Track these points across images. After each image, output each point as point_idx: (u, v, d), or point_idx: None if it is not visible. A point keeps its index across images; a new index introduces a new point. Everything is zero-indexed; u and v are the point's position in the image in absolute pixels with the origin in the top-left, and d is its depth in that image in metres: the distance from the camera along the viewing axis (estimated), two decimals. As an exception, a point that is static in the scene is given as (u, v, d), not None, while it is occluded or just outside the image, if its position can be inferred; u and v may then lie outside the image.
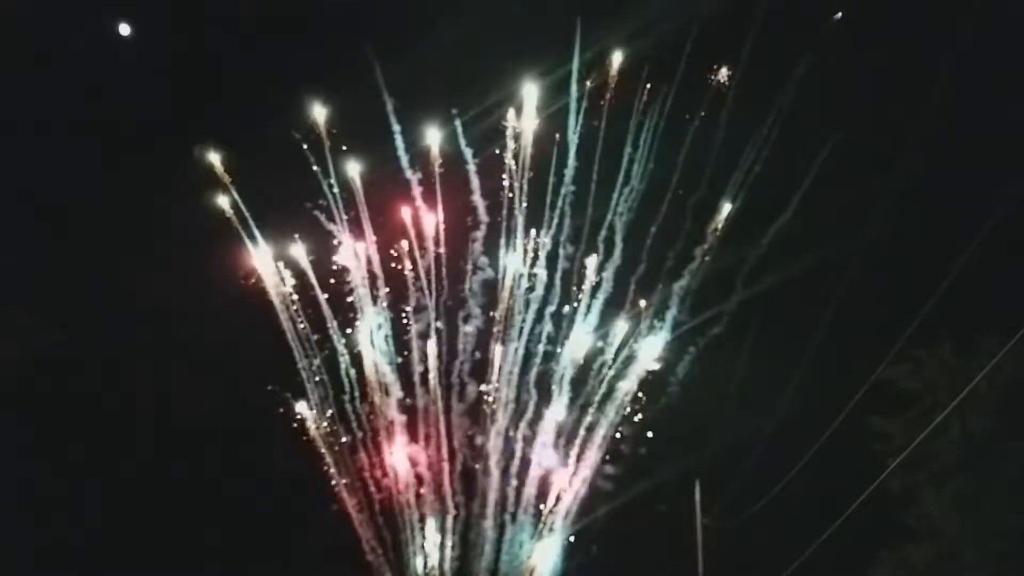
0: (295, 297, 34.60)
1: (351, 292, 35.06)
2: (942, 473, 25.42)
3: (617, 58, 34.16)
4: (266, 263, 34.49)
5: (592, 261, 35.15)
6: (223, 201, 34.11)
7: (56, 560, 32.87)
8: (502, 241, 35.46)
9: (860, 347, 27.98)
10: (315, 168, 34.63)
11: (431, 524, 34.44)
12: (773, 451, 28.69)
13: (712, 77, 33.84)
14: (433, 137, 34.80)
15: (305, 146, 34.06)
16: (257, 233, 34.49)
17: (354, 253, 35.12)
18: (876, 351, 27.02)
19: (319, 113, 34.27)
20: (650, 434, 33.97)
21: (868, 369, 26.24)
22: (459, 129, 34.61)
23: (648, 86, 34.18)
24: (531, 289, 35.47)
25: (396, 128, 34.83)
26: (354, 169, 34.92)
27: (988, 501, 24.69)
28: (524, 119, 34.83)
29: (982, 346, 24.02)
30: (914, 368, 26.03)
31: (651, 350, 34.59)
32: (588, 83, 34.32)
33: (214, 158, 33.89)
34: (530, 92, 34.42)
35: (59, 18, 32.09)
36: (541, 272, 35.43)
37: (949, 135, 27.71)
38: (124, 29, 33.20)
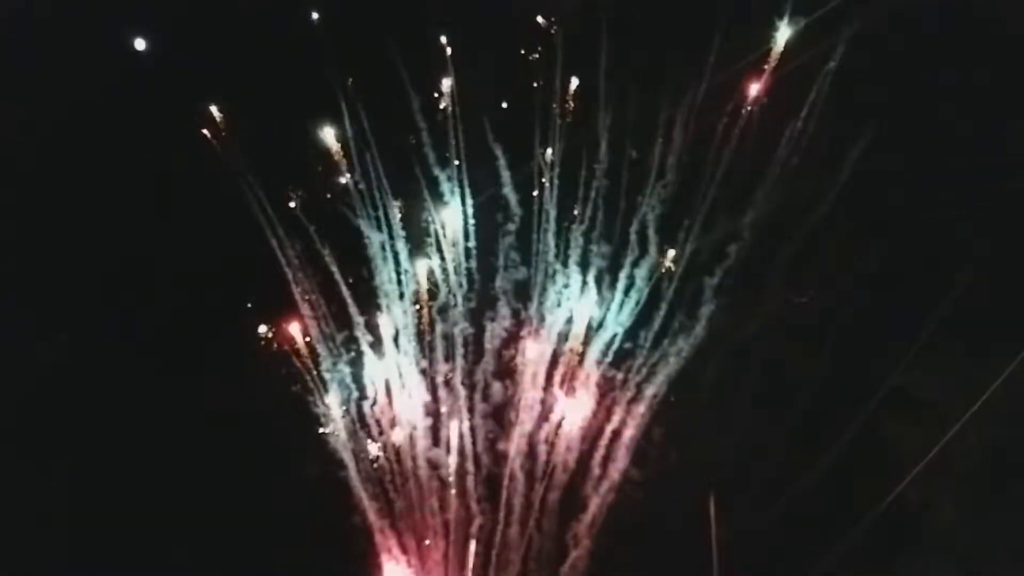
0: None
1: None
2: (960, 481, 25.65)
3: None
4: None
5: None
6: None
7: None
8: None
9: (876, 354, 28.45)
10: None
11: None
12: (788, 458, 29.25)
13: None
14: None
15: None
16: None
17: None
18: (892, 358, 27.61)
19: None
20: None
21: (884, 376, 26.83)
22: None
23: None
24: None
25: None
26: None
27: (1007, 510, 24.84)
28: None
29: (997, 353, 24.21)
30: (929, 375, 26.28)
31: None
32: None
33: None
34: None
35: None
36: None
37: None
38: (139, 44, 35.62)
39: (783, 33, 34.02)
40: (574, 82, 36.79)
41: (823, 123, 34.07)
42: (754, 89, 34.72)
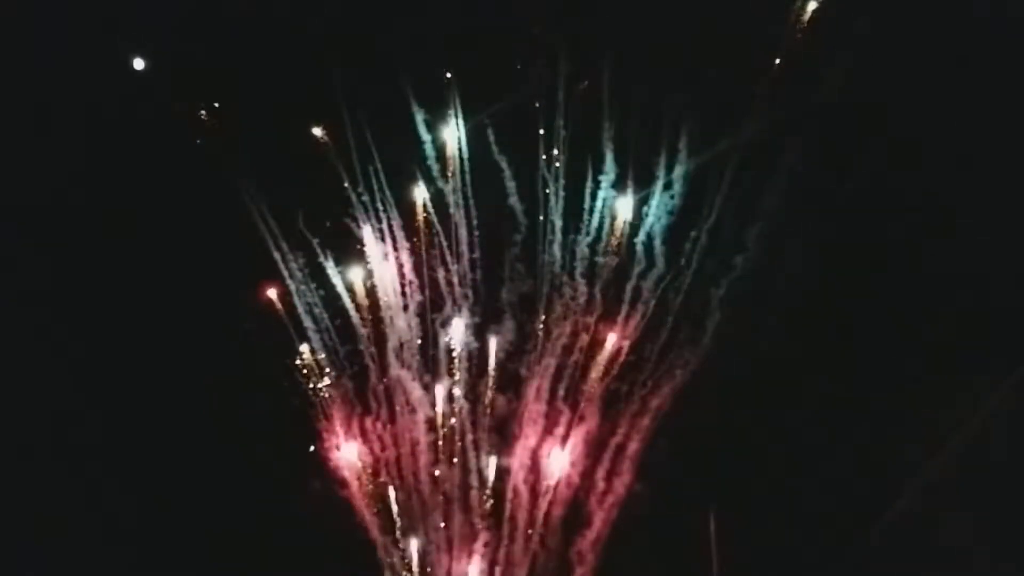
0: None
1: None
2: (961, 491, 25.57)
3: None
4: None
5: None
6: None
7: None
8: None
9: (877, 364, 28.38)
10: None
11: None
12: (787, 473, 29.22)
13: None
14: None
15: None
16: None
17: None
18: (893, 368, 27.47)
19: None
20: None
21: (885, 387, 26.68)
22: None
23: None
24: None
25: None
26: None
27: (1009, 525, 24.73)
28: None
29: (998, 363, 24.18)
30: (930, 386, 26.26)
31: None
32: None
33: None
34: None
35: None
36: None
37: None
38: (138, 63, 35.86)
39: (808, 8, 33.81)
40: (577, 88, 36.89)
41: (830, 126, 33.88)
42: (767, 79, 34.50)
